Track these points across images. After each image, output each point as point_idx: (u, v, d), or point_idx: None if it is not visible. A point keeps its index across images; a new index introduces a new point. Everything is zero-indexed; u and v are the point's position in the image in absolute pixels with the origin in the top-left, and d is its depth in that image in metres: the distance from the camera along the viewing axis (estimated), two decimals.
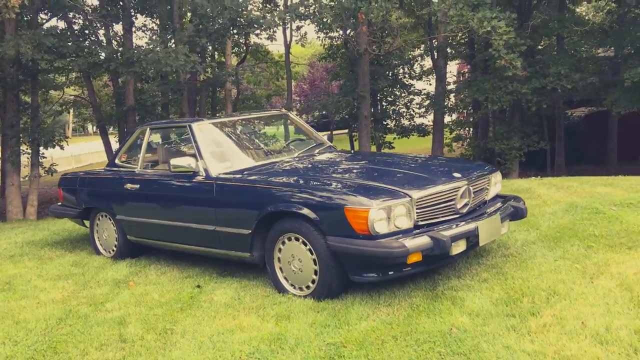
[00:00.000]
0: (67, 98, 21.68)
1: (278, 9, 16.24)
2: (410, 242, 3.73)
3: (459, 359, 3.04)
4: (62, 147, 12.93)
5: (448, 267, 4.51)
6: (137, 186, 5.38)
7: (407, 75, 20.28)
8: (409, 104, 19.92)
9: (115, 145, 19.40)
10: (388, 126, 19.58)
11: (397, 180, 4.26)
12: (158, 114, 19.06)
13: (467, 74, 23.09)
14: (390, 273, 3.93)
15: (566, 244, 4.76)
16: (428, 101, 19.31)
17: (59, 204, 6.57)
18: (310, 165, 4.95)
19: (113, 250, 5.86)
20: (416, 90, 19.65)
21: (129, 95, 17.81)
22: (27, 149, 12.92)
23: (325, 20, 13.71)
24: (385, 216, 3.80)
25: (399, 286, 4.20)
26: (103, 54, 11.62)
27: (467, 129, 22.09)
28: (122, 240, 5.70)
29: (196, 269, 5.21)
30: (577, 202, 6.27)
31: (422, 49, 21.76)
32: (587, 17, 16.34)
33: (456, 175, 4.33)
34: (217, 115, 17.84)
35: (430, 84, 20.21)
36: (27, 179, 12.79)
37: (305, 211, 4.05)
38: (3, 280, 5.33)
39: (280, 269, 4.36)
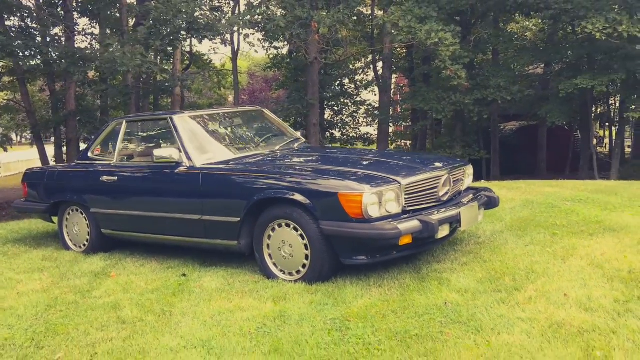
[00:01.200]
0: None
1: (227, 16, 16.32)
2: (402, 225, 3.93)
3: (459, 327, 3.25)
4: (5, 150, 12.49)
5: (427, 254, 4.74)
6: (115, 178, 5.36)
7: (352, 86, 20.77)
8: (354, 114, 20.39)
9: (50, 152, 18.76)
10: (334, 135, 19.97)
11: (385, 168, 4.47)
12: (98, 120, 18.63)
13: (404, 87, 23.89)
14: (378, 256, 4.13)
15: (532, 232, 5.11)
16: (373, 111, 19.84)
17: (22, 199, 6.42)
18: (295, 156, 5.10)
19: (84, 245, 5.78)
20: (361, 100, 20.14)
21: (70, 100, 17.34)
22: None
23: (275, 27, 13.90)
24: (377, 201, 4.00)
25: (385, 270, 4.39)
26: (55, 54, 11.33)
27: (403, 142, 22.81)
28: (96, 234, 5.63)
29: (176, 261, 5.22)
30: (531, 199, 6.68)
31: (363, 62, 22.36)
32: (521, 35, 17.30)
33: (438, 165, 4.60)
34: None
35: (375, 94, 20.74)
36: None
37: (298, 197, 4.19)
38: None
39: (270, 255, 4.47)
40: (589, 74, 13.40)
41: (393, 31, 13.38)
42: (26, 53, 10.94)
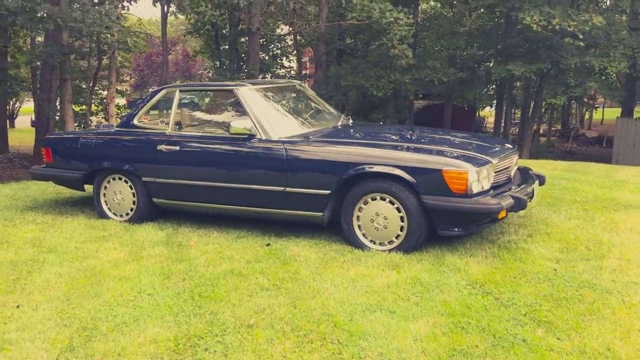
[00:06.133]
0: None
1: None
2: (503, 201, 4.38)
3: (590, 291, 3.72)
4: None
5: (487, 229, 5.18)
6: (177, 147, 5.31)
7: (283, 59, 20.88)
8: None
9: None
10: None
11: (472, 148, 4.88)
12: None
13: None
14: (469, 228, 4.56)
15: (563, 208, 5.74)
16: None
17: (43, 166, 6.12)
18: (370, 132, 5.35)
19: (127, 214, 5.67)
20: (294, 74, 20.32)
21: None
22: None
23: None
24: (477, 178, 4.41)
25: (462, 242, 4.80)
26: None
27: None
28: (145, 203, 5.55)
29: (237, 231, 5.23)
30: None
31: (282, 35, 22.37)
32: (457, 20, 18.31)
33: (509, 146, 5.10)
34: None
35: (293, 64, 20.89)
36: None
37: (398, 172, 4.48)
38: (31, 243, 4.95)
39: (359, 226, 4.73)
40: (520, 61, 14.57)
41: (346, 8, 13.68)
42: None
